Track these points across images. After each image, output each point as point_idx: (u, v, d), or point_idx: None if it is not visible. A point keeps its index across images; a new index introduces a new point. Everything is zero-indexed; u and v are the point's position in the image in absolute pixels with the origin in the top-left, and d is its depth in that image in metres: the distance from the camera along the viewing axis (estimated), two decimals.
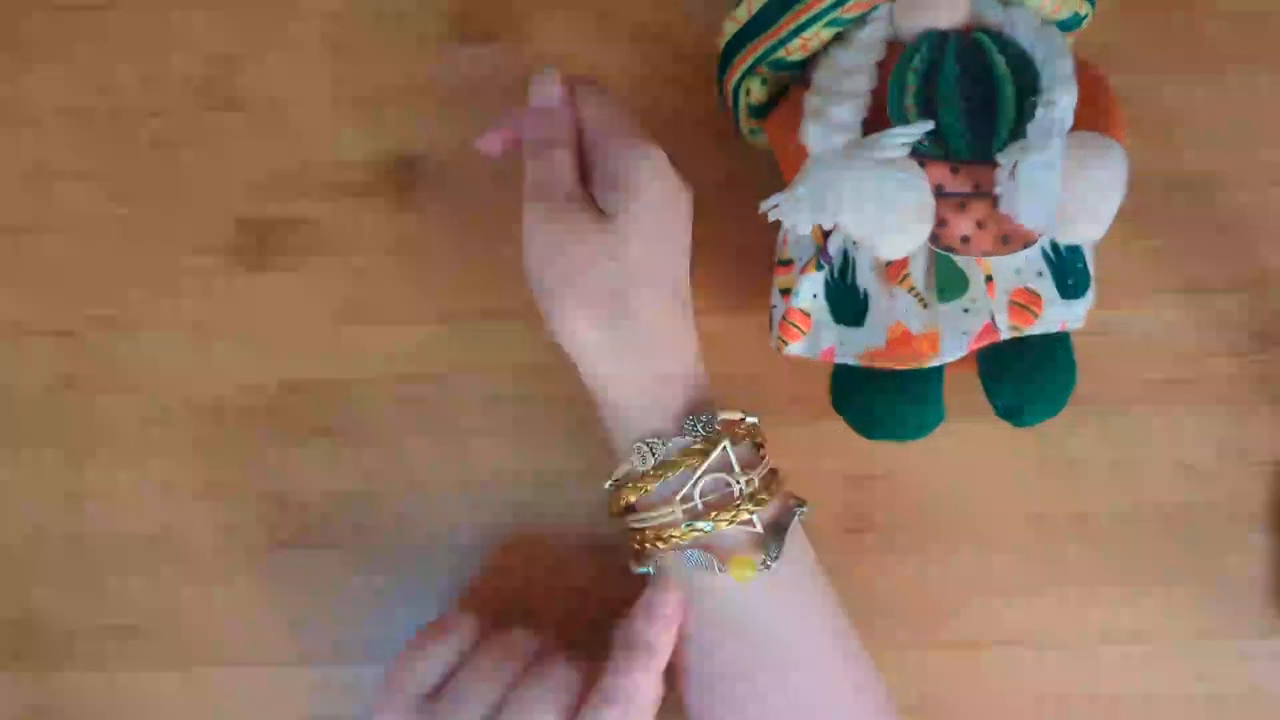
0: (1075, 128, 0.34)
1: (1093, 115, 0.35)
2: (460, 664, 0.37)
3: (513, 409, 0.44)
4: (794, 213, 0.34)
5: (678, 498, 0.36)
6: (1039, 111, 0.33)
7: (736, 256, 0.44)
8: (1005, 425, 0.38)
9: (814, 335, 0.38)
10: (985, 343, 0.37)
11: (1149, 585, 0.43)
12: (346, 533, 0.44)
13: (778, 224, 0.39)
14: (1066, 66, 0.34)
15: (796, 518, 0.38)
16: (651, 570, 0.38)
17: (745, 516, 0.36)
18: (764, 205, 0.35)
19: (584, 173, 0.39)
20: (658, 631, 0.36)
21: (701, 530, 0.36)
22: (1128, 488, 0.43)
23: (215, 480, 0.44)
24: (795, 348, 0.38)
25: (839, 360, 0.38)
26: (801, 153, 0.36)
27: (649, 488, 0.36)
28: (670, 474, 0.36)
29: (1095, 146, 0.34)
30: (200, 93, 0.45)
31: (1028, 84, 0.34)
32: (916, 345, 0.36)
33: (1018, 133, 0.34)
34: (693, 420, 0.36)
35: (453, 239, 0.44)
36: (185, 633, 0.44)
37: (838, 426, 0.43)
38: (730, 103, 0.40)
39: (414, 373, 0.44)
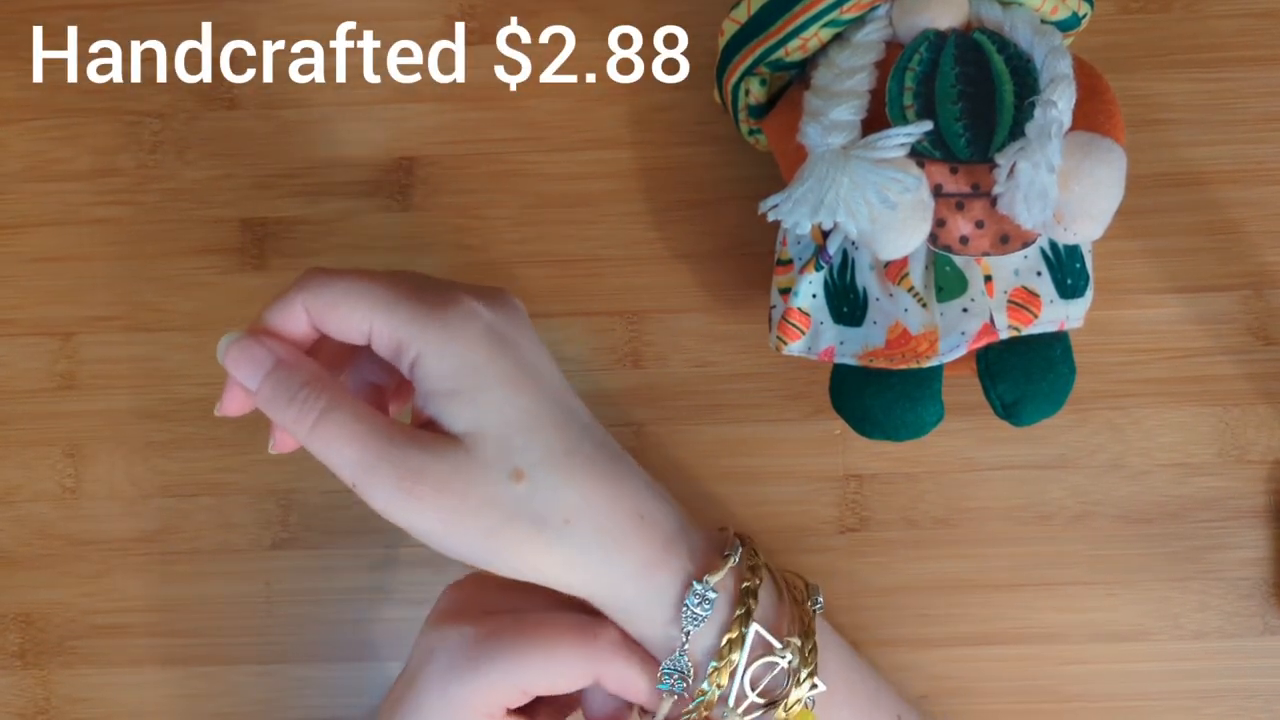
0: (1074, 128, 0.34)
1: (1091, 115, 0.35)
2: None
3: None
4: (793, 213, 0.34)
5: (730, 702, 0.33)
6: (1037, 111, 0.33)
7: (736, 256, 0.44)
8: (1004, 424, 0.38)
9: (813, 335, 0.38)
10: (984, 342, 0.37)
11: (1148, 584, 0.43)
12: (346, 532, 0.44)
13: (777, 224, 0.39)
14: (1065, 66, 0.34)
15: (817, 614, 0.35)
16: None
17: (808, 689, 0.33)
18: (763, 205, 0.35)
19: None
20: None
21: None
22: (1127, 487, 0.43)
23: (215, 480, 0.44)
24: (794, 347, 0.38)
25: (838, 360, 0.38)
26: (801, 153, 0.35)
27: (701, 714, 0.33)
28: (709, 690, 0.32)
29: (1094, 146, 0.34)
30: (201, 93, 0.45)
31: (1026, 84, 0.34)
32: (915, 345, 0.36)
33: (1016, 133, 0.34)
34: (691, 614, 0.32)
35: (453, 239, 0.44)
36: (184, 632, 0.44)
37: (837, 425, 0.43)
38: (729, 103, 0.40)
39: None
